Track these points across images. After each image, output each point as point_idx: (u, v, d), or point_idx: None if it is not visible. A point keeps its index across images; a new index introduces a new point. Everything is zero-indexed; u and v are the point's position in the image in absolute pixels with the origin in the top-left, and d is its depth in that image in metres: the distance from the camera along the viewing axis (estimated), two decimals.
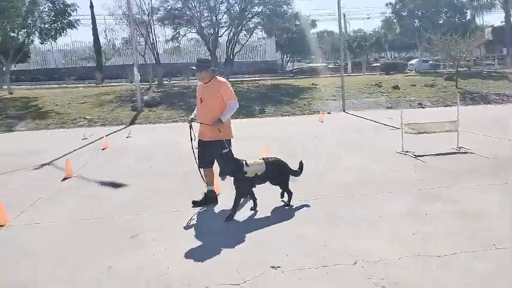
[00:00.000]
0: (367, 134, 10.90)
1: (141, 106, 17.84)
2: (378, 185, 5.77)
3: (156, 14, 26.47)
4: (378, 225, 4.28)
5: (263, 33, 33.09)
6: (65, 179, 7.09)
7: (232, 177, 4.82)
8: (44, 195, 6.05)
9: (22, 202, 5.67)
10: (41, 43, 25.60)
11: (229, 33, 27.85)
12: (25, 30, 22.34)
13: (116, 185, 6.54)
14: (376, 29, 55.86)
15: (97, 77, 32.27)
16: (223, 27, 27.58)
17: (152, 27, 26.55)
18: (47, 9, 23.43)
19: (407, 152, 7.82)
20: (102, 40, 35.59)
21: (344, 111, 17.38)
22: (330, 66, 43.29)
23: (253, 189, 4.95)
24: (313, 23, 50.66)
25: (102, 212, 5.17)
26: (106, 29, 54.25)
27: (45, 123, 15.89)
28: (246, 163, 4.81)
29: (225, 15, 27.14)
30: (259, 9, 27.13)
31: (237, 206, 4.77)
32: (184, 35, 29.29)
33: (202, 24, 26.74)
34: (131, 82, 26.06)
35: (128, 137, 12.29)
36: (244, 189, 4.87)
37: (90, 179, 7.03)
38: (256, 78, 30.47)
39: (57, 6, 23.32)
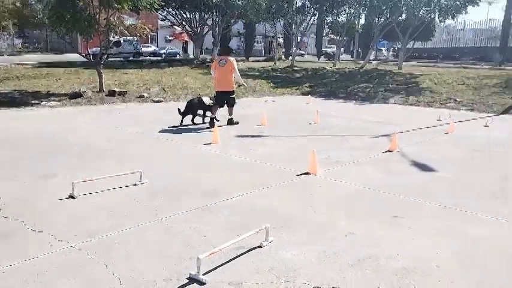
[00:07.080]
0: None
1: None
2: None
3: None
4: None
5: None
6: (387, 151, 7.69)
7: None
8: (357, 161, 6.92)
9: (330, 161, 6.79)
10: (440, 21, 26.11)
11: None
12: (427, 8, 23.38)
13: (427, 169, 6.56)
14: None
15: (496, 58, 29.84)
16: None
17: None
18: None
19: None
20: None
21: None
22: None
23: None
24: None
25: (380, 185, 5.49)
26: None
27: (415, 100, 16.69)
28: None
29: None
30: None
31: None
32: None
33: None
34: None
35: (486, 125, 11.25)
36: None
37: (408, 157, 7.30)
38: None
39: None
